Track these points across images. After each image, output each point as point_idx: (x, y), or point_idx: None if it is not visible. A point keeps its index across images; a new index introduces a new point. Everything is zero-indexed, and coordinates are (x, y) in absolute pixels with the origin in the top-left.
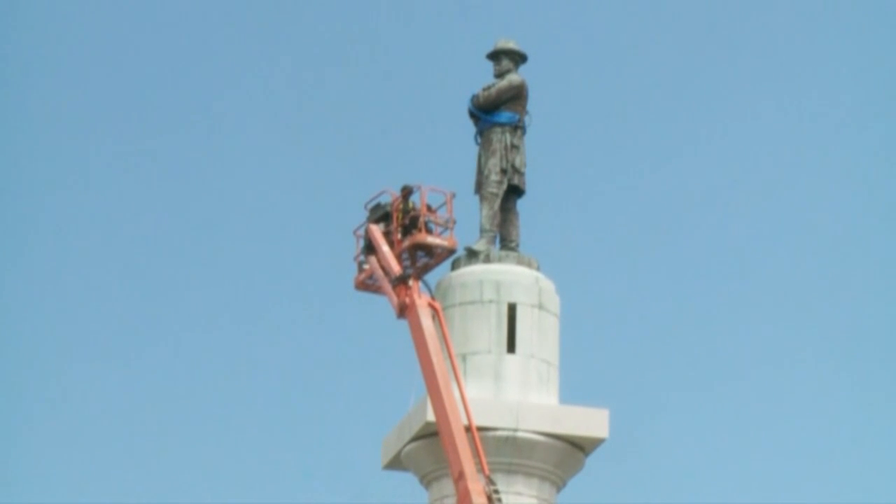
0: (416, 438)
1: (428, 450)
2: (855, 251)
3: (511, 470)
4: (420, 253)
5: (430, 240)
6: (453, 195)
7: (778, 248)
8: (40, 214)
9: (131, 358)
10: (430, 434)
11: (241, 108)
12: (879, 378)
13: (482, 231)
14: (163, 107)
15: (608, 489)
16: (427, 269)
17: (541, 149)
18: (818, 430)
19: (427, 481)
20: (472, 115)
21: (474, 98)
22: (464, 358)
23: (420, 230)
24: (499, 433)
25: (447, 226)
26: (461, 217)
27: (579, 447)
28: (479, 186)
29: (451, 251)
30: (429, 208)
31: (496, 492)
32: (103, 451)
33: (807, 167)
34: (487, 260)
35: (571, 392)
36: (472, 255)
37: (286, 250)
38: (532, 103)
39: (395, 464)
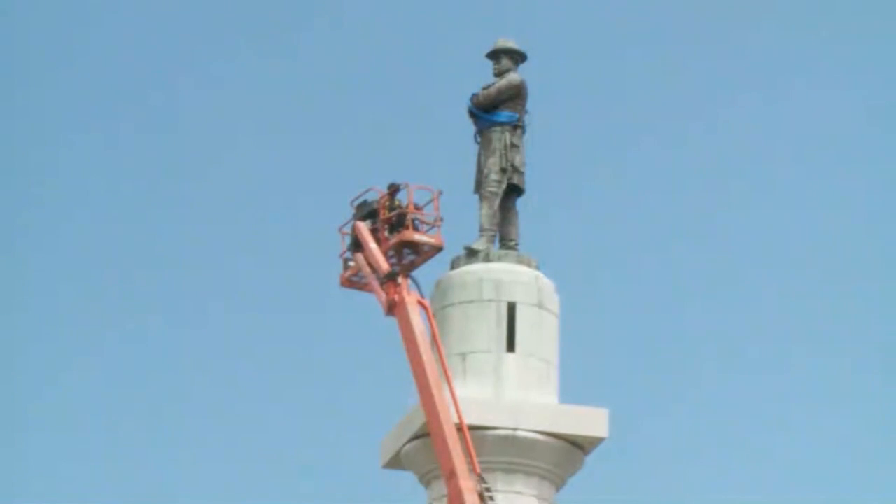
0: (415, 437)
1: (427, 449)
2: (855, 252)
3: (510, 469)
4: (406, 250)
5: (418, 237)
6: (440, 193)
7: (779, 248)
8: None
9: (124, 358)
10: (430, 433)
11: (233, 103)
12: (883, 382)
13: (482, 230)
14: (151, 103)
15: (608, 489)
16: (413, 266)
17: (540, 148)
18: (818, 430)
19: (426, 480)
20: (471, 114)
21: (474, 97)
22: (463, 357)
23: (408, 227)
24: (498, 432)
25: (435, 224)
26: (460, 216)
27: (579, 446)
28: (479, 186)
29: (438, 249)
30: (416, 206)
31: (488, 490)
32: (101, 451)
33: (807, 167)
34: (487, 259)
35: (571, 391)
36: (471, 254)
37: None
38: (532, 102)
39: (395, 463)
